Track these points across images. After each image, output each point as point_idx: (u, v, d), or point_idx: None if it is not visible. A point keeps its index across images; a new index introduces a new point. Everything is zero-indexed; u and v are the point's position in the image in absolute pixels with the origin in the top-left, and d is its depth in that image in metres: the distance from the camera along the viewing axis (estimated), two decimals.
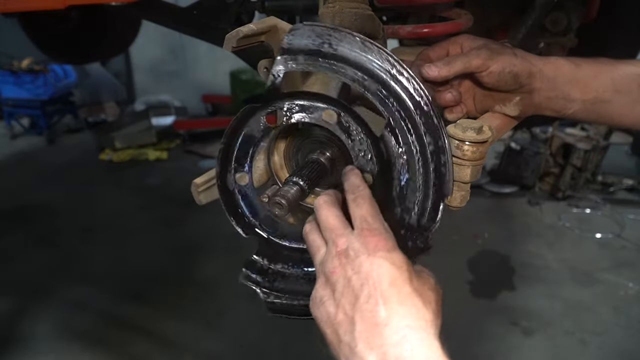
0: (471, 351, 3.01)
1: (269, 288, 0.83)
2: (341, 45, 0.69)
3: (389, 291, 0.61)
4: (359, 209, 0.68)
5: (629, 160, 5.84)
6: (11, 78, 6.53)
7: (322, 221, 0.70)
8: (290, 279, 0.83)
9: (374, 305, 0.60)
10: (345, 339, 0.61)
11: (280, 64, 0.71)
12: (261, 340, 3.05)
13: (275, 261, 0.84)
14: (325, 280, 0.67)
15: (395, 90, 0.67)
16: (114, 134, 6.41)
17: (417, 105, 0.67)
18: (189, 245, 4.15)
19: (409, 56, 1.13)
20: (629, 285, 3.65)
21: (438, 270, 0.72)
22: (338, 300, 0.63)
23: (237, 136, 0.80)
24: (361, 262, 0.63)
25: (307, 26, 0.70)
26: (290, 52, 0.70)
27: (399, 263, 0.63)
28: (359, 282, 0.62)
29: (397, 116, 0.68)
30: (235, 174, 0.83)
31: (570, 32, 1.45)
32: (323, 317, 0.65)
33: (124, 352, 2.98)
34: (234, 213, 0.85)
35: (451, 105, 0.90)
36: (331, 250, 0.67)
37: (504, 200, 5.05)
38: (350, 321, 0.61)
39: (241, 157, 0.82)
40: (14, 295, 3.49)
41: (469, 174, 0.75)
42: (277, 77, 0.72)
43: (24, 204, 4.87)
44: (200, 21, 1.59)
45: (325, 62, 0.69)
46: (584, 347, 3.06)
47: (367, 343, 0.58)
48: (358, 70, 0.68)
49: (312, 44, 0.70)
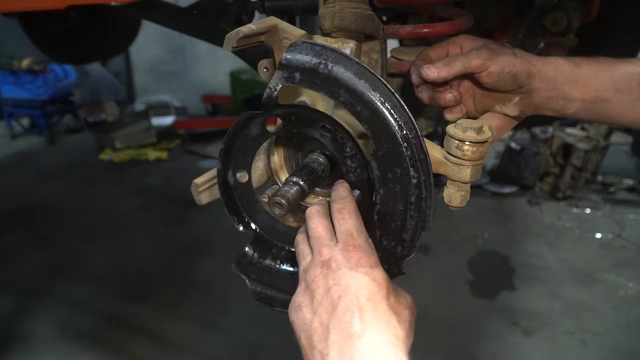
0: (471, 351, 3.01)
1: (256, 280, 0.87)
2: (336, 68, 0.69)
3: (366, 305, 0.62)
4: (344, 222, 0.70)
5: (629, 160, 5.84)
6: (11, 78, 6.53)
7: (311, 229, 0.72)
8: (277, 275, 0.87)
9: (350, 317, 0.61)
10: (318, 346, 0.62)
11: (277, 79, 0.72)
12: (261, 340, 3.05)
13: (264, 257, 0.88)
14: (305, 287, 0.69)
15: (386, 120, 0.67)
16: (114, 134, 6.42)
17: (406, 138, 0.68)
18: (189, 245, 4.15)
19: (409, 56, 1.14)
20: (629, 285, 3.65)
21: (438, 270, 0.72)
22: (316, 308, 0.65)
23: (237, 138, 0.81)
24: (342, 274, 0.64)
25: (306, 44, 0.71)
26: (287, 69, 0.71)
27: (379, 280, 0.65)
28: (337, 292, 0.63)
29: (384, 146, 0.69)
30: (235, 173, 0.85)
31: (570, 32, 1.45)
32: (299, 322, 0.67)
33: (124, 352, 2.98)
34: (232, 208, 0.88)
35: (451, 106, 0.90)
36: (315, 259, 0.69)
37: (504, 200, 5.05)
38: (325, 329, 0.62)
39: (241, 157, 0.83)
40: (14, 295, 3.49)
41: (469, 174, 0.75)
42: (274, 90, 0.72)
43: (24, 204, 4.87)
44: (200, 21, 1.59)
45: (320, 82, 0.69)
46: (584, 347, 3.06)
47: (340, 352, 0.59)
48: (351, 94, 0.68)
49: (309, 62, 0.70)
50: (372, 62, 0.99)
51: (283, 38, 0.81)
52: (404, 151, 0.68)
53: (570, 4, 1.42)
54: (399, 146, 0.68)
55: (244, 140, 0.81)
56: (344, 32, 0.88)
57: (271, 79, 0.73)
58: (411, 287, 0.73)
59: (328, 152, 0.83)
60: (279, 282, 0.86)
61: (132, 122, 6.94)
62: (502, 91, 0.86)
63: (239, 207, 0.88)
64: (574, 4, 1.43)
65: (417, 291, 3.07)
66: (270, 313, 0.88)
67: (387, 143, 0.68)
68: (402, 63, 1.13)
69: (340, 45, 0.84)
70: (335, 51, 0.69)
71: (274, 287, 0.86)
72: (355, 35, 0.89)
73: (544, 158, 5.10)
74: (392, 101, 0.67)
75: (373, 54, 0.99)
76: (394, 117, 0.67)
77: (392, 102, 0.68)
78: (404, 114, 0.68)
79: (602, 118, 0.88)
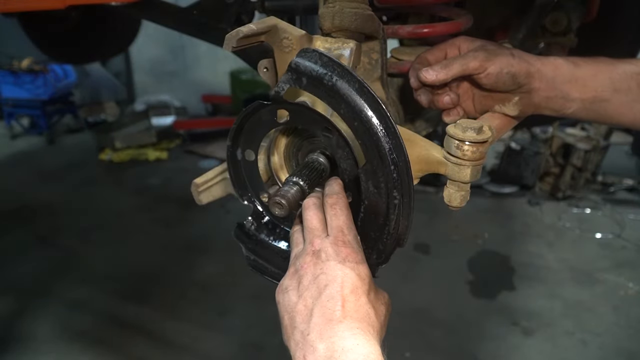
0: (471, 351, 3.01)
1: (251, 250, 0.93)
2: (340, 82, 0.72)
3: (349, 297, 0.67)
4: (336, 218, 0.75)
5: (629, 160, 5.84)
6: (11, 78, 6.53)
7: (306, 220, 0.77)
8: (269, 249, 0.93)
9: (333, 305, 0.66)
10: (300, 327, 0.67)
11: (286, 80, 0.75)
12: (261, 340, 3.05)
13: (260, 231, 0.94)
14: (294, 271, 0.73)
15: (378, 142, 0.71)
16: (114, 134, 6.42)
17: (394, 162, 0.72)
18: (189, 245, 4.15)
19: (409, 56, 1.14)
20: (629, 285, 3.65)
21: (438, 270, 0.74)
22: (302, 292, 0.70)
23: (248, 121, 0.85)
24: (330, 266, 0.69)
25: (316, 53, 0.74)
26: (296, 72, 0.74)
27: (363, 275, 0.70)
28: (324, 281, 0.68)
29: (374, 163, 0.73)
30: (244, 150, 0.88)
31: (570, 32, 1.45)
32: (285, 304, 0.72)
33: (124, 352, 2.98)
34: (237, 181, 0.93)
35: (449, 108, 0.90)
36: (307, 248, 0.74)
37: (504, 200, 5.05)
38: (309, 312, 0.67)
39: (250, 138, 0.87)
40: (14, 295, 3.49)
41: (469, 174, 0.75)
42: (282, 90, 0.75)
43: (24, 204, 4.87)
44: (200, 21, 1.59)
45: (324, 91, 0.73)
46: (584, 347, 3.06)
47: (319, 333, 0.65)
48: (350, 109, 0.72)
49: (317, 72, 0.73)
50: (372, 62, 0.99)
51: (283, 38, 0.81)
52: (390, 172, 0.72)
53: (570, 4, 1.43)
54: (387, 167, 0.72)
55: (254, 123, 0.84)
56: (344, 32, 0.88)
57: (280, 79, 0.76)
58: (411, 287, 0.74)
59: (328, 152, 0.84)
60: (270, 256, 0.92)
61: (132, 122, 6.95)
62: (501, 91, 0.86)
63: (244, 182, 0.92)
64: (574, 4, 1.43)
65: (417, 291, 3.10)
66: (270, 313, 0.89)
67: (377, 162, 0.73)
68: (402, 63, 1.13)
69: (340, 45, 0.85)
70: (341, 66, 0.72)
71: (265, 259, 0.92)
72: (355, 35, 0.89)
73: (544, 158, 5.10)
74: (386, 124, 0.71)
75: (373, 54, 0.99)
76: (387, 140, 0.71)
77: (387, 125, 0.71)
78: (396, 139, 0.71)
79: (601, 118, 0.88)
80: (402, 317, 3.23)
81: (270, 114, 0.81)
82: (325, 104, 0.74)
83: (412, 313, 3.27)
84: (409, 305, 3.34)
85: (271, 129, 0.84)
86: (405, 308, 3.31)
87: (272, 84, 0.89)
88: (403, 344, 3.02)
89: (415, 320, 3.22)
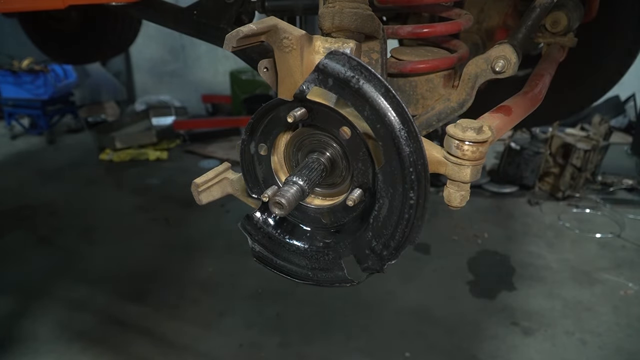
0: (471, 351, 3.01)
1: (257, 241, 0.94)
2: (366, 86, 0.73)
3: None
4: None
5: (629, 160, 5.84)
6: (11, 78, 6.54)
7: None
8: (275, 242, 0.94)
9: None
10: None
11: (311, 80, 0.76)
12: (261, 340, 3.05)
13: (267, 224, 0.95)
14: None
15: (399, 145, 0.73)
16: (114, 134, 6.42)
17: (413, 164, 0.73)
18: (189, 245, 4.15)
19: (409, 56, 1.14)
20: (629, 285, 3.65)
21: (438, 270, 0.73)
22: None
23: (265, 117, 0.86)
24: None
25: (345, 56, 0.74)
26: (323, 73, 0.75)
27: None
28: None
29: (393, 165, 0.74)
30: (258, 144, 0.90)
31: (570, 32, 1.45)
32: None
33: (124, 352, 2.98)
34: (248, 174, 0.94)
35: None
36: None
37: (504, 200, 5.05)
38: None
39: (265, 133, 0.88)
40: (14, 295, 3.49)
41: (469, 174, 0.76)
42: (307, 89, 0.77)
43: (24, 204, 4.87)
44: (200, 21, 1.59)
45: (350, 94, 0.74)
46: (584, 347, 3.06)
47: None
48: (374, 113, 0.73)
49: (344, 74, 0.74)
50: (372, 62, 0.99)
51: (283, 38, 0.81)
52: (409, 174, 0.73)
53: (570, 4, 1.42)
54: (406, 169, 0.73)
55: (271, 120, 0.86)
56: (344, 32, 0.88)
57: (306, 78, 0.77)
58: (411, 287, 0.74)
59: (329, 152, 0.84)
60: (276, 249, 0.93)
61: (132, 122, 6.95)
62: None
63: (256, 175, 0.94)
64: (574, 4, 1.43)
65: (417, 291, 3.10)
66: (270, 313, 0.89)
67: (396, 163, 0.74)
68: (402, 63, 1.13)
69: (340, 45, 0.85)
70: (369, 70, 0.74)
71: (270, 251, 0.94)
72: (355, 35, 0.89)
73: (543, 158, 5.10)
74: (409, 128, 0.72)
75: (373, 54, 0.99)
76: (408, 143, 0.73)
77: (409, 129, 0.72)
78: (417, 142, 0.72)
79: None
80: (402, 316, 3.23)
81: (289, 111, 0.82)
82: (351, 105, 0.75)
83: (412, 313, 3.28)
84: (409, 305, 3.35)
85: (287, 127, 0.86)
86: (405, 308, 3.31)
87: (272, 84, 0.89)
88: (403, 343, 3.03)
89: (415, 320, 3.23)
